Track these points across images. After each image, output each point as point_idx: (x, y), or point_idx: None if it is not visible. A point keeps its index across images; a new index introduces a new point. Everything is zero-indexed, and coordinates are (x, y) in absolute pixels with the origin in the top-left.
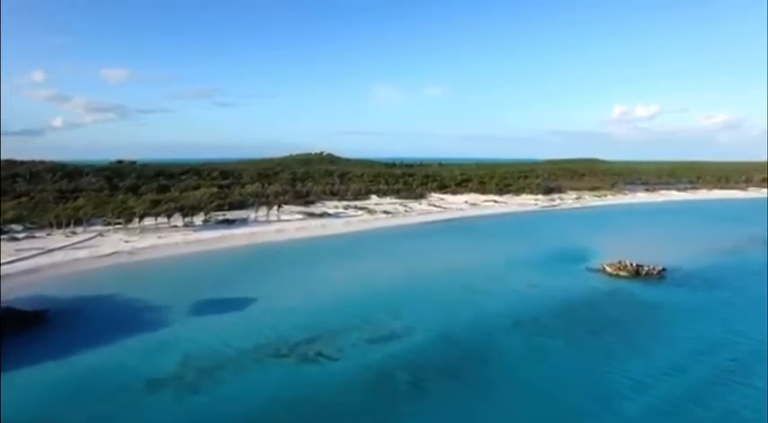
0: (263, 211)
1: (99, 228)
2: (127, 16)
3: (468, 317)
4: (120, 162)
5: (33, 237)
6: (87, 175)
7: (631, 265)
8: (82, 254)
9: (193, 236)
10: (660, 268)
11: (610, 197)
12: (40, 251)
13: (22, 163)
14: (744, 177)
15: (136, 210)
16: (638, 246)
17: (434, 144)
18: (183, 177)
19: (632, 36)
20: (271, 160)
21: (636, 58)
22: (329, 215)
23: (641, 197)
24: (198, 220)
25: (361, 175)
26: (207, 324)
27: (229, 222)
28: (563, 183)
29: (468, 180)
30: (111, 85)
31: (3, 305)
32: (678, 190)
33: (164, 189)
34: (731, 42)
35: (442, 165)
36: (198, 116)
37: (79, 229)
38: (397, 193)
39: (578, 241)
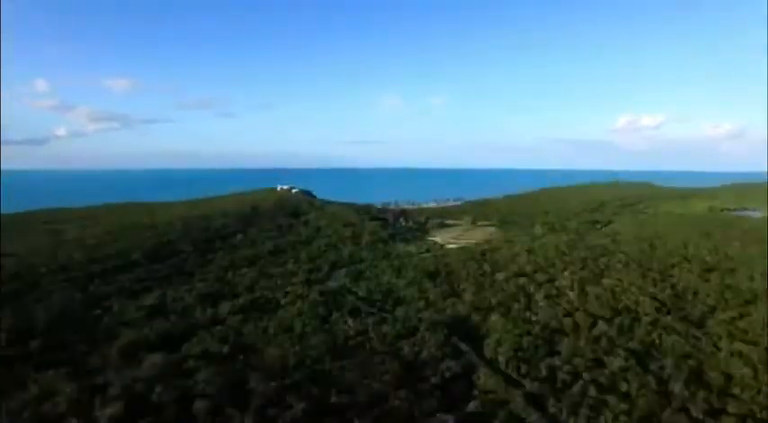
0: None
1: None
2: (130, 26)
3: None
4: None
5: None
6: None
7: None
8: None
9: None
10: None
11: None
12: None
13: None
14: None
15: None
16: None
17: (437, 152)
18: None
19: (638, 46)
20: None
21: (642, 67)
22: None
23: None
24: None
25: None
26: None
27: None
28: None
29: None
30: (115, 94)
31: None
32: None
33: None
34: (737, 52)
35: (465, 206)
36: (201, 126)
37: None
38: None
39: None
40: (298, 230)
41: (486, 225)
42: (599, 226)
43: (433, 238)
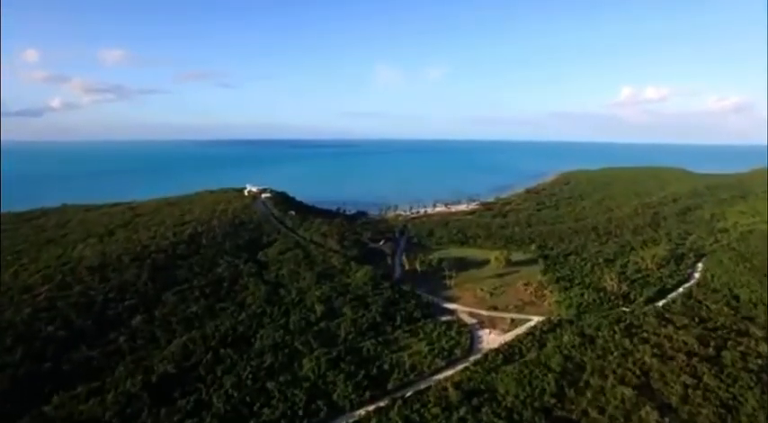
0: None
1: None
2: None
3: None
4: None
5: None
6: None
7: None
8: None
9: None
10: None
11: None
12: None
13: None
14: None
15: None
16: None
17: (435, 126)
18: None
19: (640, 18)
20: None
21: (645, 40)
22: None
23: None
24: None
25: None
26: None
27: None
28: None
29: None
30: (109, 65)
31: None
32: None
33: None
34: (744, 24)
35: (483, 218)
36: (199, 97)
37: None
38: None
39: None
40: (238, 298)
41: (523, 262)
42: (690, 260)
43: (455, 307)
